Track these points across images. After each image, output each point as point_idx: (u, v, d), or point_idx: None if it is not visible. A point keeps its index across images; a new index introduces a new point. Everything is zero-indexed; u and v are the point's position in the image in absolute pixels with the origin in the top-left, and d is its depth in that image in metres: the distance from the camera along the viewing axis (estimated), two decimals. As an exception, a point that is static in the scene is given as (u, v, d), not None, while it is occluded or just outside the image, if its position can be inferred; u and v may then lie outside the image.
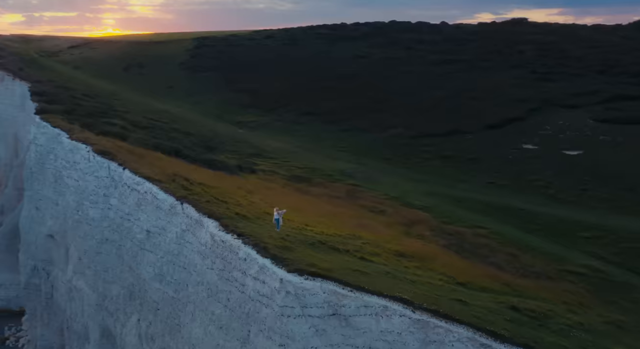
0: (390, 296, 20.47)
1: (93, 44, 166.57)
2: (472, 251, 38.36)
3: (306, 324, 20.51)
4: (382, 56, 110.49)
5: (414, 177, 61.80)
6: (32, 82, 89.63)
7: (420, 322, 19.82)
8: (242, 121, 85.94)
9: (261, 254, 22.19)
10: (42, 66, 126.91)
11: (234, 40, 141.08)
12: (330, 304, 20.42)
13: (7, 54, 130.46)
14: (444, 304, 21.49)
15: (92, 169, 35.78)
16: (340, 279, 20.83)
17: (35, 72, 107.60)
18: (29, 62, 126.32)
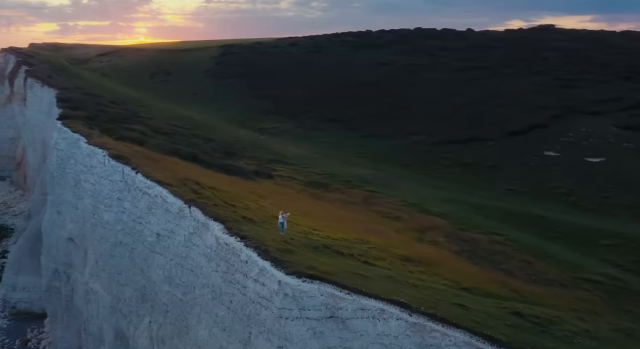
0: (388, 300, 20.48)
1: (121, 52, 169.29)
2: (485, 257, 38.12)
3: (304, 327, 20.62)
4: (405, 63, 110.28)
5: (433, 184, 61.56)
6: (60, 89, 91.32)
7: (417, 325, 19.78)
8: (264, 128, 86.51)
9: (262, 256, 22.38)
10: (71, 74, 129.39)
11: (259, 48, 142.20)
12: (328, 306, 20.50)
13: (38, 62, 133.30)
14: (443, 308, 21.40)
15: (107, 173, 36.42)
16: (338, 282, 20.89)
17: (63, 80, 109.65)
18: (59, 70, 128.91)
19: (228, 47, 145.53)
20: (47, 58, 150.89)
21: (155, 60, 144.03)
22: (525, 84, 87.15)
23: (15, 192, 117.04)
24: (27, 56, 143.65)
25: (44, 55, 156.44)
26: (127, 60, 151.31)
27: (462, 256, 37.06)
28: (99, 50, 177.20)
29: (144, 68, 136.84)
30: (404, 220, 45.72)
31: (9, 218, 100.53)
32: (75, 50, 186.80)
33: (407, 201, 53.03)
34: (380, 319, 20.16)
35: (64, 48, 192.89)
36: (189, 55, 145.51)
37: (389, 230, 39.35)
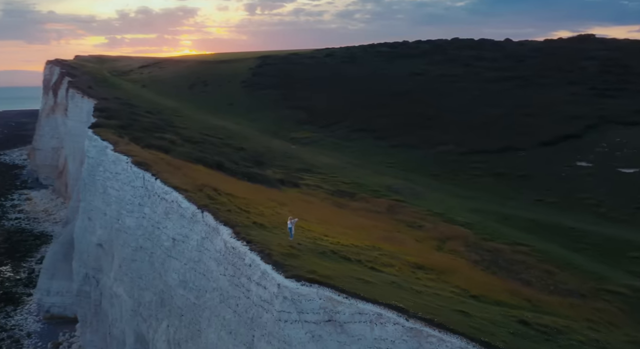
0: (385, 304, 20.56)
1: (162, 63, 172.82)
2: (504, 267, 37.80)
3: (302, 330, 20.87)
4: (439, 73, 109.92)
5: (461, 194, 61.25)
6: (99, 99, 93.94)
7: (413, 330, 19.82)
8: (296, 137, 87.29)
9: (264, 260, 22.74)
10: (112, 85, 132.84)
11: (295, 59, 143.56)
12: (326, 310, 20.70)
13: (81, 74, 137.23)
14: (444, 314, 21.38)
15: (129, 179, 37.40)
16: (337, 285, 21.09)
17: (104, 90, 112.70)
18: (100, 81, 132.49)
19: (265, 58, 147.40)
20: (90, 70, 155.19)
21: (195, 72, 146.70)
22: (559, 94, 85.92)
23: (57, 200, 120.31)
24: (70, 68, 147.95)
25: (88, 67, 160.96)
26: (167, 71, 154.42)
27: (480, 265, 36.83)
28: (141, 62, 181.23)
29: (183, 79, 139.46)
30: (427, 229, 45.64)
31: (49, 225, 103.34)
32: (118, 62, 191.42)
33: (433, 211, 52.96)
34: (377, 324, 20.27)
35: (107, 60, 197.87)
36: (227, 66, 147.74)
37: (407, 238, 39.33)
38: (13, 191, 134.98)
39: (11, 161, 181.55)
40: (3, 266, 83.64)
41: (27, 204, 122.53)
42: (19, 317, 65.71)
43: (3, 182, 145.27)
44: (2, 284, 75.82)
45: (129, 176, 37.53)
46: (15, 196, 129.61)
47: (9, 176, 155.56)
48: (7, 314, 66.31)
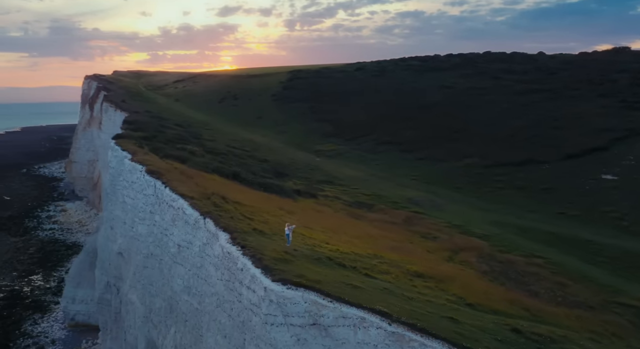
0: (369, 308, 20.70)
1: (196, 78, 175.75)
2: (514, 278, 37.45)
3: (288, 333, 21.13)
4: (468, 86, 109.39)
5: (483, 206, 60.85)
6: (131, 112, 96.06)
7: (395, 335, 19.92)
8: (321, 150, 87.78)
9: (255, 264, 23.10)
10: (146, 98, 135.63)
11: (325, 73, 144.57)
12: (311, 314, 20.92)
13: (116, 88, 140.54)
14: (431, 320, 21.42)
15: (142, 187, 38.27)
16: (323, 290, 21.31)
17: (137, 104, 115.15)
18: (135, 95, 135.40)
19: (296, 72, 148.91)
20: (126, 84, 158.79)
21: (226, 86, 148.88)
22: (589, 106, 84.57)
23: (90, 212, 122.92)
24: (107, 82, 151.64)
25: (124, 82, 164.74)
26: (200, 86, 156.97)
27: (488, 276, 36.58)
28: (175, 77, 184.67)
29: (215, 93, 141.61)
30: (441, 240, 45.49)
31: (82, 236, 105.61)
32: (154, 77, 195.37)
33: (452, 223, 52.72)
34: (360, 328, 20.41)
35: (144, 75, 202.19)
36: (259, 80, 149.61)
37: (417, 248, 39.30)
38: (49, 203, 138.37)
39: (50, 173, 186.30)
40: (34, 274, 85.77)
41: (62, 215, 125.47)
42: (45, 324, 67.28)
43: (41, 194, 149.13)
44: (32, 293, 77.75)
45: (142, 185, 38.42)
46: (51, 208, 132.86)
47: (46, 188, 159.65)
48: (35, 322, 67.94)
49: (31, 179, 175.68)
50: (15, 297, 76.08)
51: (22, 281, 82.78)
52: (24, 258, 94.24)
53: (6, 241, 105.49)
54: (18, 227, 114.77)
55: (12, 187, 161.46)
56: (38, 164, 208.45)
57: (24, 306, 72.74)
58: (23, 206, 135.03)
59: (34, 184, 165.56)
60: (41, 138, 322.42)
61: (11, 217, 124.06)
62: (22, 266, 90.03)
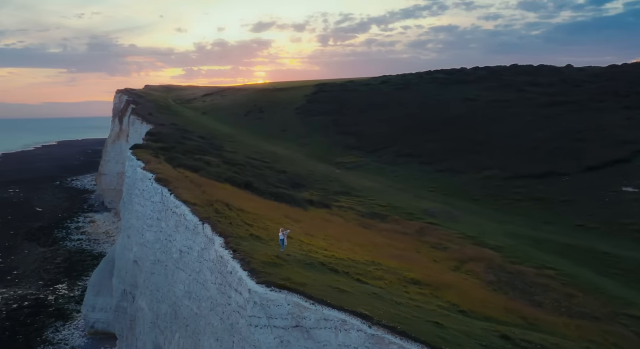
0: (351, 311, 20.80)
1: (225, 92, 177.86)
2: (521, 288, 37.06)
3: (272, 335, 21.34)
4: (492, 99, 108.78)
5: (499, 218, 60.44)
6: (157, 125, 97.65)
7: (375, 337, 19.99)
8: (342, 162, 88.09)
9: (243, 267, 23.38)
10: (174, 112, 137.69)
11: (350, 86, 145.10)
12: (294, 316, 21.11)
13: (145, 101, 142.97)
14: (414, 324, 21.42)
15: (150, 195, 38.97)
16: (306, 292, 21.48)
17: (164, 117, 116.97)
18: (163, 108, 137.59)
19: (322, 85, 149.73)
20: (156, 98, 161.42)
21: (252, 100, 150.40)
22: (612, 119, 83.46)
23: (118, 223, 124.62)
24: (137, 96, 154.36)
25: (154, 96, 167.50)
26: (228, 99, 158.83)
27: (493, 286, 36.28)
28: (205, 91, 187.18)
29: (241, 107, 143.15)
30: (451, 251, 45.28)
31: (108, 247, 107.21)
32: (184, 91, 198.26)
33: (466, 234, 52.46)
34: (342, 330, 20.53)
35: (175, 89, 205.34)
36: (285, 94, 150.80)
37: (423, 258, 39.20)
38: (79, 214, 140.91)
39: (82, 186, 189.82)
40: (60, 284, 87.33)
41: (91, 226, 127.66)
42: (67, 332, 68.42)
43: (72, 206, 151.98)
44: (56, 301, 79.17)
45: (150, 192, 39.14)
46: (81, 219, 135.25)
47: (78, 200, 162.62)
48: (56, 329, 69.17)
49: (64, 192, 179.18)
50: (40, 305, 77.57)
51: (48, 290, 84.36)
52: (51, 268, 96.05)
53: (35, 251, 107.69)
54: (47, 238, 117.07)
55: (45, 199, 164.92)
56: (71, 177, 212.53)
57: (47, 314, 74.12)
58: (54, 218, 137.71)
59: (66, 196, 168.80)
60: (76, 152, 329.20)
61: (41, 228, 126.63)
62: (49, 276, 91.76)
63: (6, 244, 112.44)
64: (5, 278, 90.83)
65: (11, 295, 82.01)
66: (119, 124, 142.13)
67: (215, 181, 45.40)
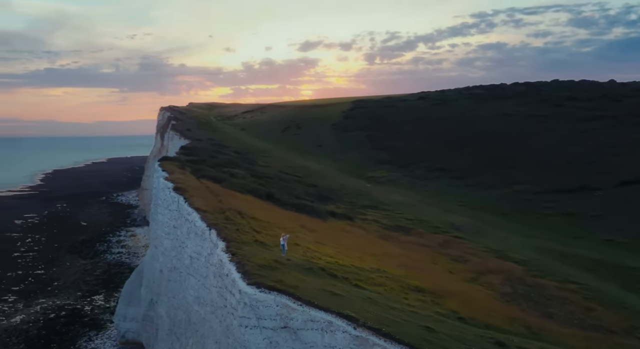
0: (337, 313, 21.02)
1: (265, 109, 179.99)
2: (536, 300, 36.57)
3: (261, 336, 21.68)
4: (528, 114, 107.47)
5: (527, 232, 59.68)
6: (193, 140, 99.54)
7: (359, 339, 20.15)
8: (373, 176, 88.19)
9: (238, 270, 23.84)
10: (213, 128, 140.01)
11: (387, 102, 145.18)
12: (282, 317, 21.44)
13: (186, 118, 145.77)
14: (402, 327, 21.48)
15: (168, 203, 39.91)
16: (295, 294, 21.78)
17: (202, 133, 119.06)
18: (203, 125, 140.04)
19: (359, 101, 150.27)
20: (197, 115, 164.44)
21: (291, 116, 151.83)
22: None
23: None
24: (179, 113, 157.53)
25: (196, 113, 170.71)
26: (267, 116, 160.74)
27: (506, 297, 35.88)
28: (245, 108, 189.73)
29: (279, 123, 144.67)
30: (471, 263, 44.91)
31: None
32: (226, 108, 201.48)
33: (490, 247, 51.97)
34: (327, 331, 20.76)
35: (217, 106, 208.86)
36: (322, 110, 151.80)
37: (437, 268, 39.04)
38: (121, 228, 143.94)
39: (127, 201, 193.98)
40: (97, 295, 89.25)
41: (131, 240, 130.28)
42: (99, 341, 69.86)
43: (115, 220, 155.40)
44: (92, 311, 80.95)
45: (168, 201, 40.09)
46: (122, 233, 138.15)
47: (121, 214, 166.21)
48: (89, 338, 70.70)
49: (109, 206, 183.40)
50: (76, 315, 79.43)
51: (85, 301, 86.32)
52: (90, 279, 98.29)
53: (76, 263, 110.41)
54: (89, 251, 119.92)
55: (90, 213, 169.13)
56: (117, 192, 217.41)
57: (82, 324, 75.84)
58: (97, 231, 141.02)
59: (110, 211, 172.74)
60: (124, 168, 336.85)
61: (84, 241, 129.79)
62: (87, 287, 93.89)
63: (49, 256, 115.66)
64: (45, 288, 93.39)
65: (49, 305, 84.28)
66: (160, 140, 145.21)
67: (236, 192, 46.15)
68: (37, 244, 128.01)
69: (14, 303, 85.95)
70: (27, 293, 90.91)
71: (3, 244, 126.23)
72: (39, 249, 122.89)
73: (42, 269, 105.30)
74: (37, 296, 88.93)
